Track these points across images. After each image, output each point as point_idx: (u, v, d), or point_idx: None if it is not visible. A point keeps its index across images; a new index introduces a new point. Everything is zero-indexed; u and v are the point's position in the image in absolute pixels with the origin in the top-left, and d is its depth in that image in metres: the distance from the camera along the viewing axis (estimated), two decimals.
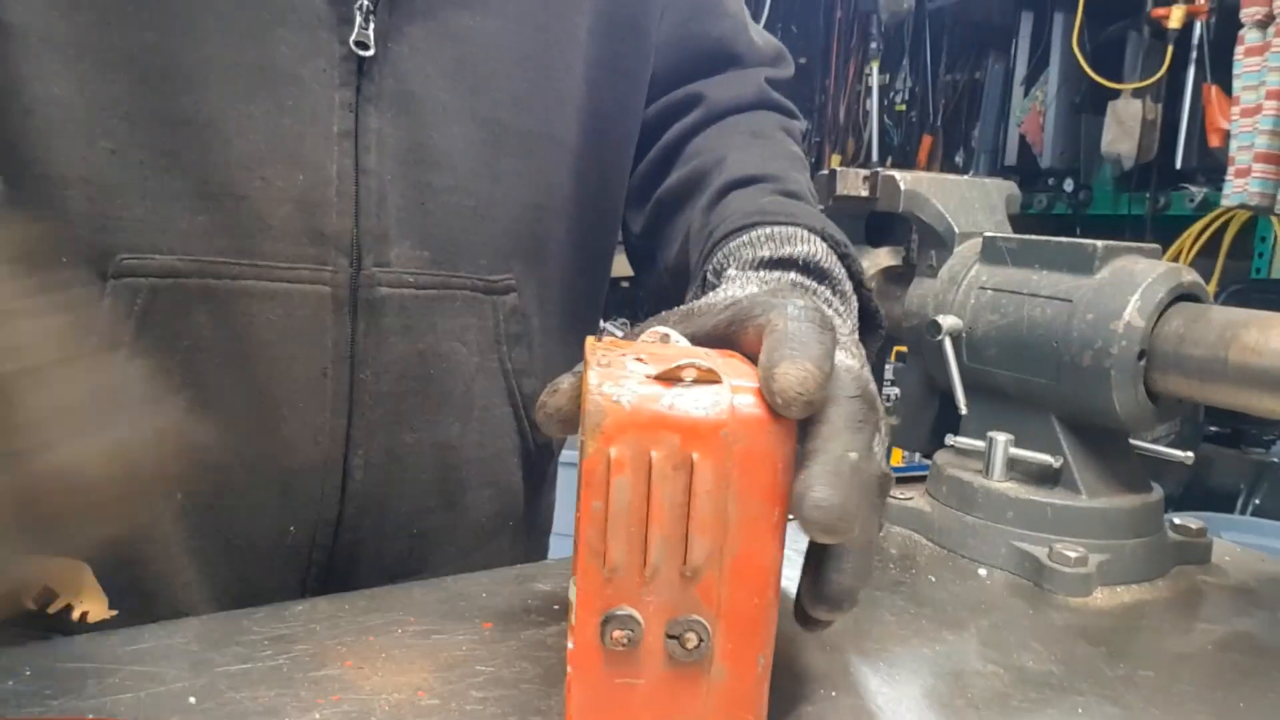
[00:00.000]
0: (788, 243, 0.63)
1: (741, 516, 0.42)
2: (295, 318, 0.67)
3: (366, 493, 0.72)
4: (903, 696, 0.55)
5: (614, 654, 0.43)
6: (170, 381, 0.65)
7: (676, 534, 0.42)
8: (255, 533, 0.70)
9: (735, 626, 0.43)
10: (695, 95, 0.88)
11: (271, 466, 0.69)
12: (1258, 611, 0.71)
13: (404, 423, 0.73)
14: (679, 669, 0.43)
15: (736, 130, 0.85)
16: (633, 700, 0.44)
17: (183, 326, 0.65)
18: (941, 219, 0.89)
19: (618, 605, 0.42)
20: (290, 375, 0.68)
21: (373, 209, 0.69)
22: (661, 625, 0.43)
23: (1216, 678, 0.60)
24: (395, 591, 0.65)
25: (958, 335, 0.83)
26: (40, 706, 0.48)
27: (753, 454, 0.41)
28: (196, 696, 0.50)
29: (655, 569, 0.42)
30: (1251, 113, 2.43)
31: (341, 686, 0.52)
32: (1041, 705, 0.55)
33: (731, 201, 0.74)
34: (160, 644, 0.55)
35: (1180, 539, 0.80)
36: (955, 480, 0.81)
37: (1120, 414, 0.74)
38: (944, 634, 0.64)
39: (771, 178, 0.76)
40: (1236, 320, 0.69)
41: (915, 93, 4.32)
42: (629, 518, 0.41)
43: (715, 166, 0.80)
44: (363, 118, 0.68)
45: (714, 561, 0.42)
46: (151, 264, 0.64)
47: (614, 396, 0.41)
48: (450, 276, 0.73)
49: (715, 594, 0.43)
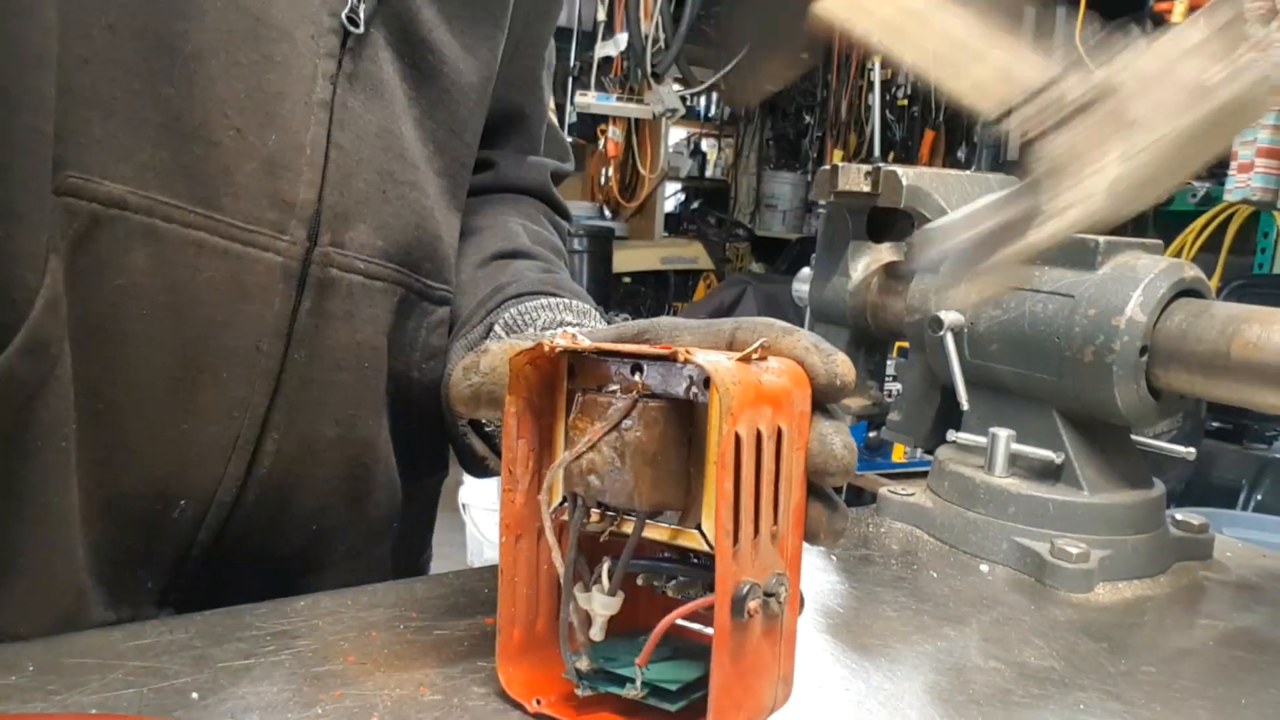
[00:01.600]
0: (585, 315, 0.73)
1: (797, 471, 0.47)
2: (240, 282, 0.64)
3: (273, 481, 0.69)
4: (904, 692, 0.55)
5: (740, 625, 0.44)
6: (92, 319, 0.61)
7: (770, 498, 0.45)
8: (142, 497, 0.65)
9: (794, 573, 0.48)
10: (489, 161, 0.90)
11: (178, 433, 0.65)
12: (1259, 607, 0.71)
13: (326, 414, 0.71)
14: (771, 622, 0.46)
15: (516, 209, 0.90)
16: (745, 661, 0.45)
17: (118, 263, 0.61)
18: (944, 214, 0.89)
19: (741, 579, 0.44)
20: (222, 342, 0.65)
21: (338, 185, 0.68)
22: (762, 586, 0.45)
23: (1218, 673, 0.60)
24: (397, 586, 0.66)
25: (959, 331, 0.83)
26: (43, 702, 0.48)
27: (804, 414, 0.47)
28: (199, 692, 0.50)
29: (761, 534, 0.45)
30: None
31: (344, 682, 0.52)
32: (1043, 701, 0.55)
33: (515, 267, 0.80)
34: (163, 639, 0.56)
35: (1182, 535, 0.80)
36: (957, 476, 0.81)
37: (1122, 409, 0.74)
38: (946, 630, 0.64)
39: (544, 258, 0.84)
40: (1238, 315, 0.69)
41: (917, 88, 4.32)
42: (749, 492, 0.44)
43: (490, 232, 0.85)
44: (340, 93, 0.67)
45: (786, 515, 0.47)
46: (98, 189, 0.60)
47: (733, 378, 0.43)
48: (396, 271, 0.73)
49: (786, 546, 0.47)
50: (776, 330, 0.49)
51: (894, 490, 0.86)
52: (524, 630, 0.51)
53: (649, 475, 0.45)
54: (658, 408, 0.46)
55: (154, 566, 0.67)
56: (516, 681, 0.50)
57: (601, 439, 0.46)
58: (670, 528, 0.47)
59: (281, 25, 0.64)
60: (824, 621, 0.64)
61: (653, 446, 0.45)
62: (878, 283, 0.97)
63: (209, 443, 0.66)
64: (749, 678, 0.46)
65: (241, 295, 0.65)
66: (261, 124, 0.64)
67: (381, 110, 0.70)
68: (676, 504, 0.47)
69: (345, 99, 0.67)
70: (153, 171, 0.61)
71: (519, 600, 0.51)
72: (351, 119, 0.68)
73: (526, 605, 0.51)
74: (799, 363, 0.48)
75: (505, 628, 0.50)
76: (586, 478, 0.46)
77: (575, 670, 0.48)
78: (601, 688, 0.48)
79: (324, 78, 0.66)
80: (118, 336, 0.62)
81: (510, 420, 0.49)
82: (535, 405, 0.50)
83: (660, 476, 0.46)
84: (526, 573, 0.51)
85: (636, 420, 0.45)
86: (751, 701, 0.46)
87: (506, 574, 0.50)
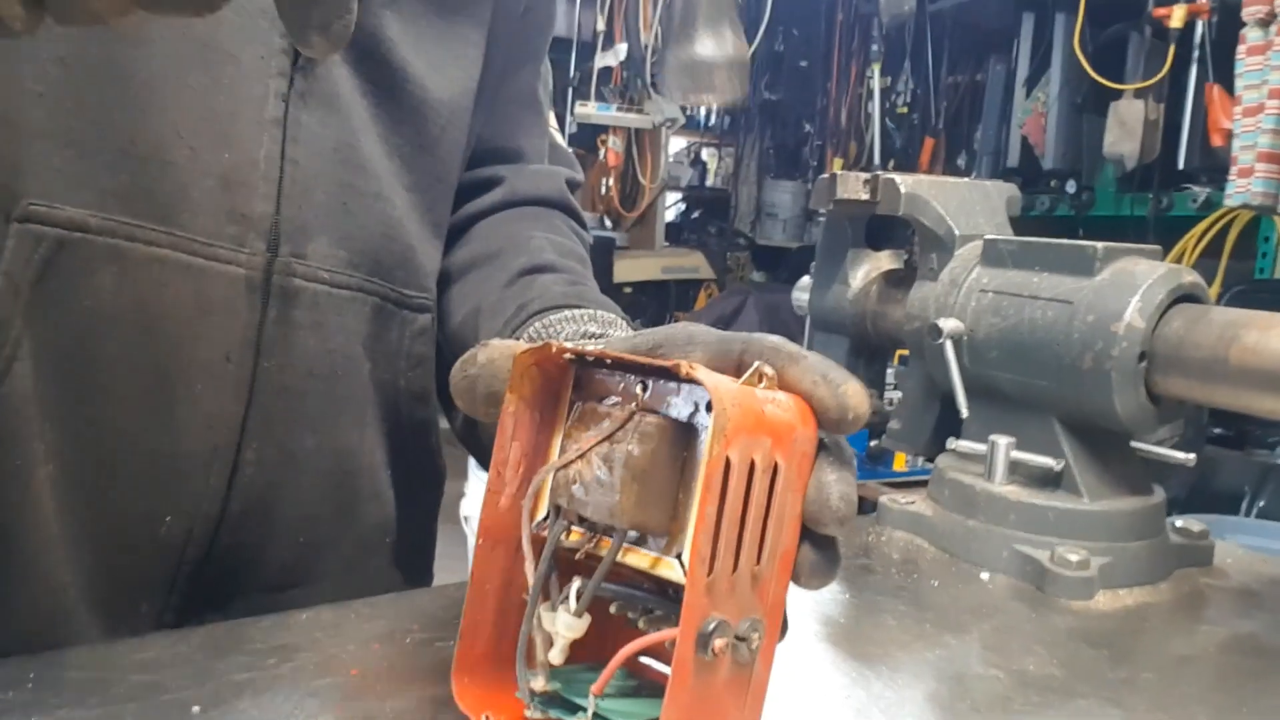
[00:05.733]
0: (610, 325, 0.72)
1: (790, 514, 0.44)
2: (205, 296, 0.66)
3: (255, 492, 0.70)
4: (905, 700, 0.55)
5: (703, 663, 0.41)
6: (63, 343, 0.63)
7: (756, 535, 0.43)
8: (127, 517, 0.66)
9: (773, 621, 0.44)
10: (497, 178, 0.90)
11: (157, 448, 0.66)
12: (1260, 614, 0.71)
13: (304, 422, 0.71)
14: (739, 670, 0.43)
15: (535, 222, 0.89)
16: (704, 705, 0.43)
17: (85, 285, 0.62)
18: (942, 222, 0.89)
19: (710, 614, 0.41)
20: (193, 355, 0.66)
21: (296, 198, 0.69)
22: (734, 627, 0.42)
23: (1218, 680, 0.60)
24: (399, 599, 0.66)
25: (959, 338, 0.83)
26: (45, 716, 0.48)
27: (807, 456, 0.44)
28: (200, 705, 0.50)
29: (740, 572, 0.42)
30: (1254, 112, 2.43)
31: (345, 695, 0.52)
32: (1043, 708, 0.55)
33: (541, 282, 0.79)
34: (164, 653, 0.56)
35: (1182, 541, 0.80)
36: (957, 484, 0.82)
37: (1121, 416, 0.74)
38: (946, 638, 0.64)
39: (569, 270, 0.82)
40: (1237, 321, 0.69)
41: (917, 95, 4.33)
42: (732, 522, 0.41)
43: (512, 249, 0.84)
44: (293, 110, 0.69)
45: (772, 559, 0.43)
46: (59, 214, 0.61)
47: (734, 400, 0.41)
48: (365, 280, 0.73)
49: (768, 591, 0.44)
50: (783, 356, 0.45)
51: (894, 499, 0.86)
52: (487, 644, 0.49)
53: (635, 492, 0.43)
54: (655, 424, 0.44)
55: (146, 589, 0.68)
56: (469, 695, 0.48)
57: (592, 449, 0.44)
58: (652, 555, 0.44)
59: (228, 49, 0.66)
60: (824, 630, 0.64)
61: (643, 463, 0.43)
62: (877, 290, 0.97)
63: (188, 455, 0.67)
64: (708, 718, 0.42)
65: (207, 308, 0.66)
66: (215, 143, 0.66)
67: (338, 125, 0.71)
68: (660, 527, 0.44)
69: (299, 116, 0.69)
70: (113, 195, 0.63)
71: (486, 610, 0.48)
72: (305, 135, 0.69)
73: (495, 617, 0.49)
74: (806, 396, 0.44)
75: (467, 636, 0.48)
76: (571, 488, 0.45)
77: (529, 690, 0.45)
78: (553, 712, 0.46)
79: (276, 96, 0.68)
80: (90, 358, 0.64)
81: (507, 419, 0.48)
82: (535, 409, 0.48)
83: (647, 496, 0.43)
84: (499, 583, 0.49)
85: (631, 433, 0.44)
86: None
87: (477, 582, 0.48)
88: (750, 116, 5.71)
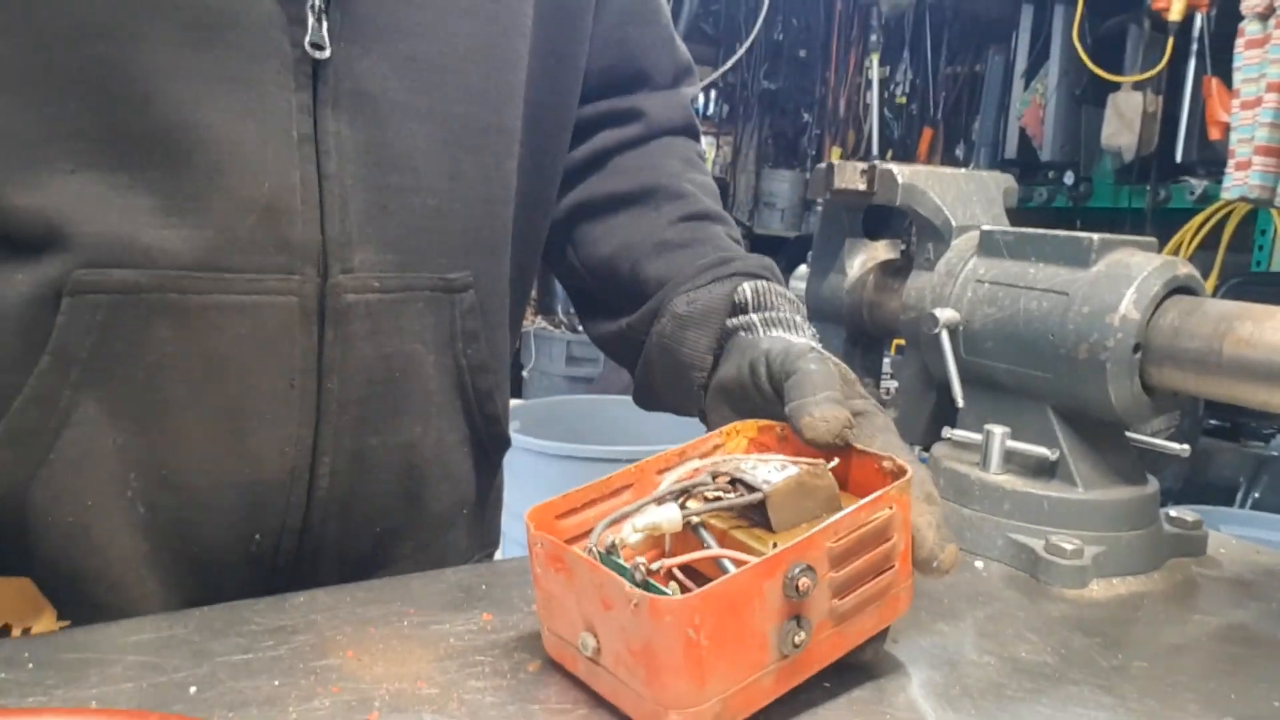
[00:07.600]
0: (796, 310, 0.78)
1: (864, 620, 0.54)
2: (262, 330, 0.66)
3: (332, 498, 0.72)
4: (899, 687, 0.55)
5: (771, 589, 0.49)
6: (132, 397, 0.64)
7: (852, 582, 0.52)
8: (220, 544, 0.69)
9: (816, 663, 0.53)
10: (636, 110, 0.91)
11: (237, 479, 0.68)
12: (1252, 603, 0.72)
13: (369, 427, 0.72)
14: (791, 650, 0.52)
15: (674, 156, 0.92)
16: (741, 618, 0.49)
17: (145, 341, 0.64)
18: (939, 212, 0.89)
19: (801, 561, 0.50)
20: (257, 388, 0.67)
21: (336, 215, 0.68)
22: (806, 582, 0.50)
23: (1211, 668, 0.61)
24: (395, 583, 0.66)
25: (955, 328, 0.84)
26: (43, 696, 0.49)
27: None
28: (198, 686, 0.50)
29: (829, 584, 0.51)
30: (1252, 105, 2.43)
31: (341, 676, 0.52)
32: (1036, 695, 0.55)
33: (715, 235, 0.86)
34: (162, 634, 0.56)
35: (1176, 531, 0.80)
36: (952, 473, 0.82)
37: (1116, 407, 0.74)
38: (940, 625, 0.64)
39: (724, 219, 0.89)
40: (1231, 313, 0.69)
41: (915, 85, 4.32)
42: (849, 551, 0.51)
43: (664, 192, 0.89)
44: (321, 121, 0.67)
45: (842, 613, 0.52)
46: (110, 279, 0.62)
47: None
48: (413, 278, 0.73)
49: (826, 629, 0.52)
50: (919, 491, 0.56)
51: None
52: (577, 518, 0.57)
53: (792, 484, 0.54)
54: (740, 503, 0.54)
55: (240, 595, 0.70)
56: (542, 520, 0.54)
57: None
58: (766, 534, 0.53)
59: (243, 73, 0.64)
60: None
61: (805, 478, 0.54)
62: (874, 280, 0.97)
63: (267, 482, 0.69)
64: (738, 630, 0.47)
65: (266, 340, 0.67)
66: (250, 176, 0.65)
67: (369, 125, 0.69)
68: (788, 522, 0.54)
69: (328, 126, 0.68)
70: (159, 251, 0.63)
71: (604, 496, 0.58)
72: (337, 144, 0.68)
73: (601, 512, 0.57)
74: (914, 529, 0.54)
75: (574, 495, 0.56)
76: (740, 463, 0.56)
77: (598, 535, 0.51)
78: (604, 561, 0.51)
79: (301, 111, 0.67)
80: (157, 405, 0.65)
81: (712, 441, 0.63)
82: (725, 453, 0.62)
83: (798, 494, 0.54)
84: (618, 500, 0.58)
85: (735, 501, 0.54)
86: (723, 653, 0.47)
87: (619, 477, 0.58)
88: (749, 106, 5.70)
